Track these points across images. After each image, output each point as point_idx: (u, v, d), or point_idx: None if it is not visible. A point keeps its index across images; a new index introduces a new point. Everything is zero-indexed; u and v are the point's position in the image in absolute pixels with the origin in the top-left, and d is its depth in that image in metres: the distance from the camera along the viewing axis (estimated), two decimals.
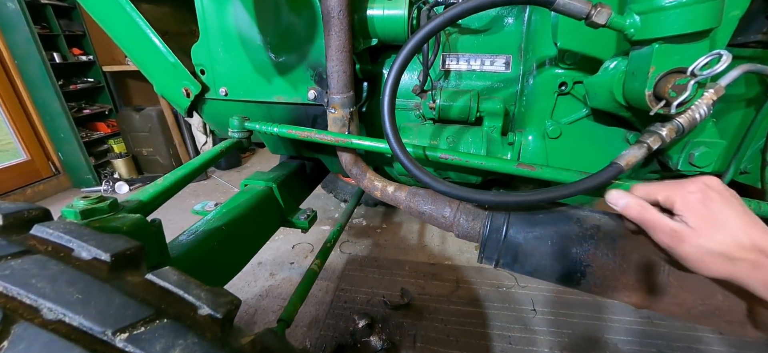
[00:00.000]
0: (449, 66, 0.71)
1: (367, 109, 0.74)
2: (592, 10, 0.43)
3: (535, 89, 0.65)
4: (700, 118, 0.47)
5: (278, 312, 1.37)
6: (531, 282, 1.46)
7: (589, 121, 0.65)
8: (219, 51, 0.66)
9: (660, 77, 0.46)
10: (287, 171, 0.86)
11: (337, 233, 1.04)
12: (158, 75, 0.72)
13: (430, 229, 1.89)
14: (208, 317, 0.31)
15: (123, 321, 0.26)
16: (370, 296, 1.41)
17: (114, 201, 0.46)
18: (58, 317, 0.26)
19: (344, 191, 2.00)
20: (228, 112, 0.71)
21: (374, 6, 0.61)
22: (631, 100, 0.52)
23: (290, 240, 1.81)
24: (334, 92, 0.60)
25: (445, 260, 1.64)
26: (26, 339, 0.24)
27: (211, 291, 0.33)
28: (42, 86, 2.24)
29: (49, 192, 2.45)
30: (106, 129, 2.69)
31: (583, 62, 0.60)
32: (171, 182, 0.55)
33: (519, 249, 0.59)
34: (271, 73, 0.66)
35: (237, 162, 2.96)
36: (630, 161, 0.51)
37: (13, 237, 0.31)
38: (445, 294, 1.42)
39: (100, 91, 2.68)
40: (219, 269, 0.61)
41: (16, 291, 0.26)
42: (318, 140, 0.60)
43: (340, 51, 0.56)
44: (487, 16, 0.69)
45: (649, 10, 0.44)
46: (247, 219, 0.69)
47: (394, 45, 0.70)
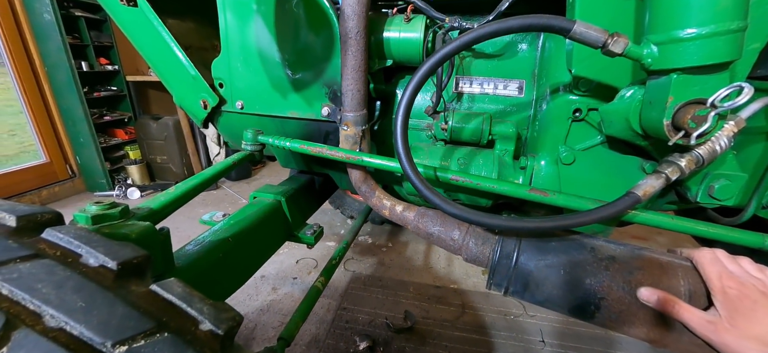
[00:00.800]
0: (462, 88, 0.72)
1: (378, 127, 0.75)
2: (608, 39, 0.43)
3: (549, 114, 0.64)
4: (720, 150, 0.46)
5: (278, 328, 1.35)
6: (540, 311, 1.41)
7: (603, 148, 0.63)
8: (238, 66, 0.68)
9: (679, 107, 0.45)
10: (296, 185, 0.86)
11: (342, 251, 1.03)
12: (178, 86, 0.75)
13: (436, 250, 1.86)
14: (209, 333, 0.30)
15: (123, 332, 0.26)
16: (373, 317, 1.38)
17: (125, 208, 0.46)
18: (59, 325, 0.25)
19: (351, 208, 2.00)
20: (242, 125, 0.72)
21: (391, 28, 0.63)
22: (648, 129, 0.51)
23: (294, 255, 1.79)
24: (347, 109, 0.60)
25: (450, 283, 1.60)
26: (26, 346, 0.24)
27: (214, 305, 0.32)
28: (68, 93, 2.33)
29: (63, 194, 2.51)
30: (124, 136, 2.77)
31: (598, 89, 0.59)
32: (182, 192, 0.55)
33: (530, 277, 0.57)
34: (286, 89, 0.67)
35: (247, 174, 3.00)
36: (647, 191, 0.50)
37: (25, 240, 0.31)
38: (450, 319, 1.37)
39: (121, 99, 2.78)
40: (223, 281, 0.61)
41: (21, 296, 0.26)
42: (329, 156, 0.60)
43: (356, 70, 0.57)
44: (501, 41, 0.70)
45: (667, 41, 0.43)
46: (255, 232, 0.69)
47: (407, 66, 0.71)
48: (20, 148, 2.36)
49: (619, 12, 0.54)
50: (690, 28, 0.41)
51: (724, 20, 0.40)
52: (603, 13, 0.54)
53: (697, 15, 0.41)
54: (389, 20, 0.64)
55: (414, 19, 0.62)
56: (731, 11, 0.40)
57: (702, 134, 0.44)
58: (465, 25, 0.61)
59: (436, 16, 0.62)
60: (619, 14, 0.54)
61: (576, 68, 0.57)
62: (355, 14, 0.54)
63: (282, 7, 0.61)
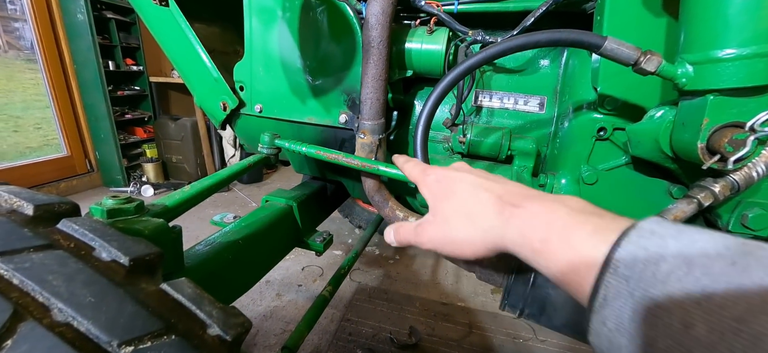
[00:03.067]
0: (482, 102, 0.71)
1: (394, 138, 0.74)
2: (641, 57, 0.42)
3: (571, 132, 0.63)
4: (757, 177, 0.44)
5: (280, 335, 1.33)
6: (551, 336, 1.35)
7: (628, 169, 0.61)
8: (260, 70, 0.68)
9: (714, 130, 0.43)
10: (308, 191, 0.86)
11: (351, 261, 1.01)
12: (200, 88, 0.76)
13: (444, 265, 1.82)
14: (217, 338, 0.29)
15: (131, 332, 0.25)
16: (377, 330, 1.34)
17: (140, 203, 0.46)
18: (67, 319, 0.25)
19: (360, 217, 1.99)
20: (260, 128, 0.73)
21: (413, 39, 0.62)
22: (679, 151, 0.48)
23: (300, 261, 1.78)
24: (365, 118, 0.60)
25: (458, 300, 1.56)
26: (31, 340, 0.23)
27: (224, 309, 0.31)
28: (94, 90, 2.43)
29: (80, 188, 2.58)
30: (142, 134, 2.85)
31: (625, 108, 0.57)
32: (197, 191, 0.55)
33: (548, 300, 0.54)
34: (305, 95, 0.67)
35: (259, 177, 3.03)
36: (678, 216, 0.47)
37: (40, 229, 0.31)
38: (456, 339, 1.33)
39: (143, 98, 2.87)
40: (231, 283, 0.60)
41: (32, 287, 0.25)
42: (345, 163, 0.60)
43: (376, 79, 0.56)
44: (523, 56, 0.69)
45: (703, 61, 0.42)
46: (265, 236, 0.68)
47: (426, 77, 0.70)
48: (44, 141, 2.46)
49: (650, 29, 0.53)
50: (729, 49, 0.40)
51: (766, 42, 0.38)
52: (632, 30, 0.53)
53: (736, 35, 0.39)
54: (411, 31, 0.64)
55: (436, 31, 0.62)
56: None
57: (739, 159, 0.41)
58: (488, 39, 0.61)
59: (459, 29, 0.62)
60: (650, 32, 0.53)
61: (602, 86, 0.55)
62: (378, 24, 0.54)
63: (306, 15, 0.62)
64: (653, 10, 0.52)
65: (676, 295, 0.18)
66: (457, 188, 0.34)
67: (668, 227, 0.21)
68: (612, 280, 0.20)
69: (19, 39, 2.34)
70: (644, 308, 0.19)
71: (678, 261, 0.19)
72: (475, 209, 0.32)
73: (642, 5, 0.52)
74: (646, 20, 0.52)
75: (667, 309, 0.18)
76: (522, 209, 0.28)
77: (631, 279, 0.20)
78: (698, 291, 0.17)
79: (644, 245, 0.20)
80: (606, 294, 0.21)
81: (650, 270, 0.19)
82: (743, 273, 0.17)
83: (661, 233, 0.20)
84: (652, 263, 0.19)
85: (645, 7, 0.52)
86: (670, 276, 0.18)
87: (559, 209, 0.26)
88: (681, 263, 0.18)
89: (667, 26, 0.52)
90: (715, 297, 0.17)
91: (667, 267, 0.19)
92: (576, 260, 0.23)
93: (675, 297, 0.18)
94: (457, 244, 0.33)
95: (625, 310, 0.19)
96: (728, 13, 0.39)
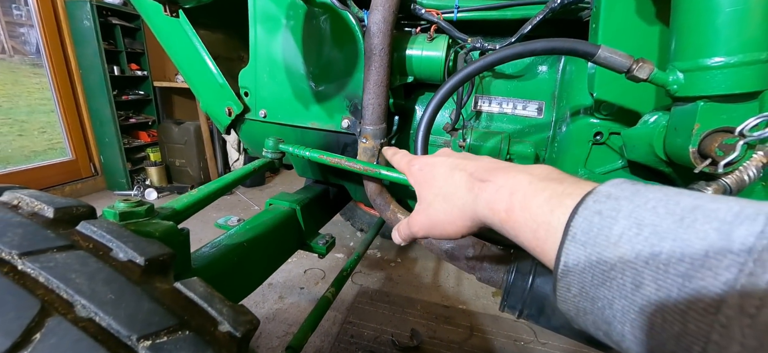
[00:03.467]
0: (481, 107, 0.72)
1: (396, 142, 0.76)
2: (633, 65, 0.43)
3: (568, 136, 0.64)
4: (748, 180, 0.45)
5: (283, 337, 1.34)
6: (552, 338, 1.35)
7: (625, 172, 0.62)
8: (264, 76, 0.70)
9: (705, 135, 0.45)
10: (311, 195, 0.87)
11: (354, 263, 1.02)
12: (205, 93, 0.78)
13: (446, 268, 1.83)
14: (228, 334, 0.30)
15: (149, 327, 0.26)
16: (378, 333, 1.35)
17: (151, 207, 0.48)
18: (89, 315, 0.26)
19: (362, 220, 2.00)
20: (264, 133, 0.74)
21: (414, 46, 0.64)
22: (672, 155, 0.50)
23: (303, 264, 1.79)
24: (367, 122, 0.62)
25: (459, 303, 1.57)
26: (58, 333, 0.25)
27: (233, 307, 0.32)
28: (99, 95, 2.46)
29: (85, 191, 2.61)
30: (146, 138, 2.88)
31: (620, 113, 0.59)
32: (204, 194, 0.57)
33: (546, 301, 0.56)
34: (309, 101, 0.69)
35: (260, 181, 3.05)
36: None
37: (60, 231, 0.33)
38: (458, 341, 1.34)
39: (147, 103, 2.90)
40: (236, 285, 0.61)
41: (56, 284, 0.27)
42: (347, 167, 0.61)
43: (378, 85, 0.58)
44: (522, 62, 0.70)
45: (693, 69, 0.43)
46: (269, 239, 0.70)
47: (427, 83, 0.72)
48: (49, 144, 2.48)
49: (643, 37, 0.54)
50: (717, 57, 0.41)
51: (752, 50, 0.40)
52: (627, 38, 0.54)
53: (724, 44, 0.41)
54: (412, 38, 0.66)
55: (437, 39, 0.64)
56: (760, 42, 0.40)
57: (730, 163, 0.43)
58: (487, 46, 0.63)
59: (459, 37, 0.64)
60: (643, 40, 0.54)
61: (598, 92, 0.57)
62: (380, 32, 0.56)
63: (310, 23, 0.64)
64: (647, 18, 0.54)
65: (627, 256, 0.18)
66: (436, 173, 0.36)
67: (625, 188, 0.21)
68: (571, 247, 0.21)
69: (25, 44, 2.37)
70: (601, 271, 0.19)
71: (629, 222, 0.19)
72: (450, 189, 0.33)
73: (636, 14, 0.54)
74: (640, 28, 0.54)
75: (621, 270, 0.18)
76: (489, 183, 0.29)
77: (587, 244, 0.20)
78: (647, 251, 0.17)
79: (599, 209, 0.20)
80: (566, 261, 0.21)
81: (604, 233, 0.19)
82: (689, 229, 0.17)
83: (616, 195, 0.20)
84: (606, 227, 0.19)
85: (638, 15, 0.54)
86: (621, 237, 0.19)
87: (522, 179, 0.27)
88: (632, 224, 0.19)
89: (660, 34, 0.54)
90: (662, 255, 0.17)
91: (619, 228, 0.19)
92: (535, 226, 0.24)
93: (626, 258, 0.18)
94: (440, 226, 0.34)
95: (585, 275, 0.20)
96: (717, 23, 0.41)
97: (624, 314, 0.18)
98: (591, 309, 0.20)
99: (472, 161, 0.34)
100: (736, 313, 0.14)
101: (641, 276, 0.17)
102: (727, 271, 0.15)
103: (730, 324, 0.14)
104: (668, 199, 0.19)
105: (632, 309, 0.18)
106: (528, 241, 0.25)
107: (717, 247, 0.15)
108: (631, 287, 0.18)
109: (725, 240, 0.15)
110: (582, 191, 0.23)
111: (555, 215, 0.23)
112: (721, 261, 0.15)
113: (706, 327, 0.15)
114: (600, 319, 0.20)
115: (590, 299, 0.20)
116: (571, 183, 0.24)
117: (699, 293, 0.15)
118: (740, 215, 0.16)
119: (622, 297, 0.18)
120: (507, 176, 0.28)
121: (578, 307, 0.21)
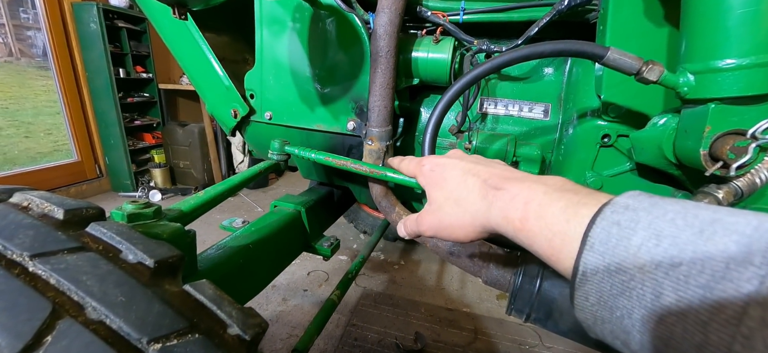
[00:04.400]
0: (487, 109, 0.72)
1: (401, 144, 0.76)
2: (643, 67, 0.43)
3: (576, 138, 0.64)
4: (760, 183, 0.44)
5: (286, 339, 1.33)
6: (557, 342, 1.34)
7: (633, 175, 0.62)
8: (270, 79, 0.71)
9: (717, 137, 0.44)
10: (316, 197, 0.87)
11: (359, 265, 1.02)
12: (212, 95, 0.78)
13: (449, 271, 1.82)
14: (237, 337, 0.30)
15: (159, 330, 0.26)
16: (382, 336, 1.35)
17: (158, 208, 0.48)
18: (100, 317, 0.26)
19: (365, 223, 2.00)
20: (269, 135, 0.74)
21: (420, 49, 0.64)
22: (682, 158, 0.49)
23: (306, 266, 1.79)
24: (373, 125, 0.62)
25: (463, 306, 1.56)
26: (69, 336, 0.25)
27: (242, 310, 0.32)
28: (104, 97, 2.48)
29: (89, 193, 2.62)
30: (151, 140, 2.89)
31: (628, 116, 0.58)
32: (211, 196, 0.57)
33: (554, 305, 0.55)
34: (314, 103, 0.69)
35: (264, 183, 3.06)
36: None
37: (71, 233, 0.33)
38: (462, 345, 1.33)
39: (152, 105, 2.92)
40: (242, 287, 0.61)
41: (67, 286, 0.27)
42: (352, 169, 0.61)
43: (384, 88, 0.58)
44: (528, 64, 0.70)
45: (704, 71, 0.43)
46: (274, 241, 0.70)
47: (432, 86, 0.72)
48: (54, 146, 2.50)
49: (651, 39, 0.54)
50: (729, 59, 0.41)
51: (765, 52, 0.40)
52: (634, 40, 0.54)
53: (736, 46, 0.40)
54: (418, 41, 0.66)
55: (442, 41, 0.64)
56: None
57: (742, 165, 0.42)
58: (493, 49, 0.62)
59: (465, 39, 0.64)
60: (651, 41, 0.54)
61: (606, 94, 0.56)
62: (386, 34, 0.56)
63: (316, 26, 0.64)
64: (655, 20, 0.53)
65: (647, 266, 0.18)
66: (447, 176, 0.35)
67: (643, 200, 0.21)
68: (589, 256, 0.21)
69: (32, 47, 2.40)
70: (620, 281, 0.19)
71: (648, 233, 0.19)
72: (462, 194, 0.33)
73: (644, 16, 0.53)
74: (648, 30, 0.54)
75: (640, 280, 0.18)
76: (503, 192, 0.29)
77: (606, 254, 0.20)
78: (667, 261, 0.18)
79: (617, 220, 0.20)
80: (585, 271, 0.21)
81: (623, 244, 0.19)
82: (708, 241, 0.17)
83: (635, 206, 0.20)
84: (624, 237, 0.20)
85: (647, 17, 0.53)
86: (640, 248, 0.19)
87: (537, 189, 0.27)
88: (651, 235, 0.19)
89: (669, 36, 0.53)
90: (682, 266, 0.17)
91: (638, 239, 0.19)
92: (550, 235, 0.24)
93: (646, 268, 0.18)
94: (450, 229, 0.34)
95: (604, 285, 0.20)
96: (728, 24, 0.40)
97: (643, 324, 0.18)
98: (609, 318, 0.20)
99: (485, 166, 0.34)
100: (759, 324, 0.14)
101: (661, 287, 0.17)
102: (749, 283, 0.15)
103: (753, 334, 0.15)
104: (686, 211, 0.19)
105: (652, 318, 0.18)
106: (542, 250, 0.25)
107: (738, 259, 0.16)
108: (651, 297, 0.18)
109: (746, 253, 0.16)
110: (598, 202, 0.23)
111: (571, 224, 0.23)
112: (742, 274, 0.15)
113: (728, 338, 0.15)
114: (618, 328, 0.20)
115: (608, 308, 0.20)
116: (587, 194, 0.25)
117: (721, 304, 0.15)
118: (760, 229, 0.16)
119: (641, 307, 0.18)
120: (522, 185, 0.28)
121: (596, 316, 0.21)
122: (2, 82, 2.31)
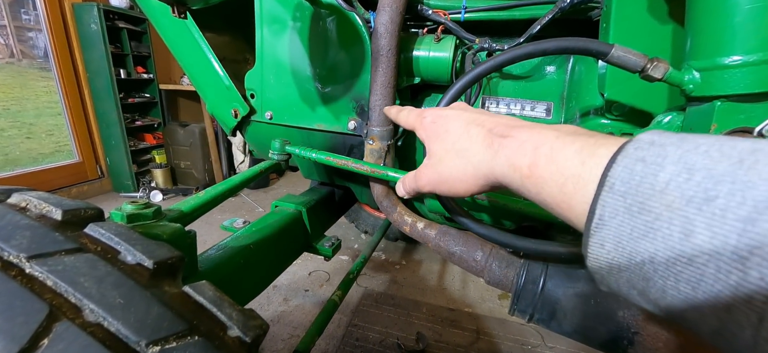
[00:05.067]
0: (489, 108, 0.71)
1: (402, 143, 0.75)
2: (648, 64, 0.42)
3: None
4: None
5: (288, 340, 1.33)
6: (559, 342, 1.33)
7: None
8: (271, 78, 0.70)
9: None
10: (317, 197, 0.87)
11: (360, 265, 1.02)
12: (212, 95, 0.78)
13: (451, 271, 1.81)
14: (237, 339, 0.30)
15: (158, 332, 0.26)
16: (384, 336, 1.34)
17: (158, 209, 0.48)
18: (97, 320, 0.26)
19: (366, 222, 1.99)
20: (270, 135, 0.74)
21: (421, 47, 0.64)
22: None
23: (307, 267, 1.79)
24: (374, 124, 0.61)
25: (465, 306, 1.55)
26: (66, 339, 0.24)
27: (243, 311, 0.32)
28: (105, 98, 2.48)
29: (91, 193, 2.63)
30: (152, 140, 2.90)
31: (632, 114, 0.58)
32: (211, 196, 0.57)
33: (557, 305, 0.54)
34: (315, 102, 0.69)
35: (265, 183, 3.06)
36: None
37: (69, 233, 0.32)
38: (464, 345, 1.32)
39: (153, 105, 2.92)
40: (243, 288, 0.61)
41: (65, 288, 0.27)
42: (354, 169, 0.61)
43: (385, 87, 0.58)
44: (530, 63, 0.69)
45: (710, 68, 0.42)
46: (275, 241, 0.69)
47: (434, 84, 0.71)
48: (56, 147, 2.51)
49: (655, 36, 0.53)
50: (736, 56, 0.40)
51: None
52: (638, 37, 0.53)
53: (743, 42, 0.40)
54: (419, 39, 0.65)
55: (444, 40, 0.63)
56: None
57: None
58: (495, 47, 0.62)
59: (466, 37, 0.63)
60: (655, 39, 0.53)
61: (609, 92, 0.56)
62: (387, 33, 0.56)
63: (316, 25, 0.64)
64: (659, 17, 0.53)
65: (676, 203, 0.16)
66: (450, 127, 0.34)
67: (670, 136, 0.19)
68: (608, 198, 0.19)
69: (33, 48, 2.41)
70: (643, 223, 0.17)
71: (678, 168, 0.17)
72: (465, 145, 0.31)
73: (648, 12, 0.53)
74: (652, 27, 0.53)
75: (667, 219, 0.16)
76: (511, 139, 0.27)
77: (627, 195, 0.18)
78: (700, 196, 0.16)
79: (642, 156, 0.18)
80: (602, 214, 0.19)
81: (648, 181, 0.17)
82: (750, 170, 0.15)
83: (662, 142, 0.18)
84: (650, 174, 0.18)
85: (651, 14, 0.53)
86: (669, 184, 0.17)
87: (548, 134, 0.25)
88: (681, 170, 0.17)
89: (673, 33, 0.53)
90: (719, 199, 0.15)
91: (666, 175, 0.17)
92: (562, 180, 0.22)
93: (674, 206, 0.16)
94: (450, 182, 0.33)
95: (623, 228, 0.18)
96: (734, 21, 0.40)
97: (668, 267, 0.16)
98: (627, 265, 0.18)
99: (490, 117, 0.32)
100: None
101: (692, 224, 0.15)
102: None
103: None
104: (722, 143, 0.17)
105: (680, 260, 0.16)
106: (552, 197, 0.23)
107: None
108: (679, 236, 0.16)
109: None
110: (617, 142, 0.21)
111: (587, 166, 0.21)
112: None
113: None
114: (637, 276, 0.18)
115: (627, 254, 0.18)
116: (603, 136, 0.23)
117: (765, 237, 0.14)
118: None
119: (667, 249, 0.16)
120: (531, 131, 0.27)
121: (611, 264, 0.19)
122: (4, 83, 2.31)
